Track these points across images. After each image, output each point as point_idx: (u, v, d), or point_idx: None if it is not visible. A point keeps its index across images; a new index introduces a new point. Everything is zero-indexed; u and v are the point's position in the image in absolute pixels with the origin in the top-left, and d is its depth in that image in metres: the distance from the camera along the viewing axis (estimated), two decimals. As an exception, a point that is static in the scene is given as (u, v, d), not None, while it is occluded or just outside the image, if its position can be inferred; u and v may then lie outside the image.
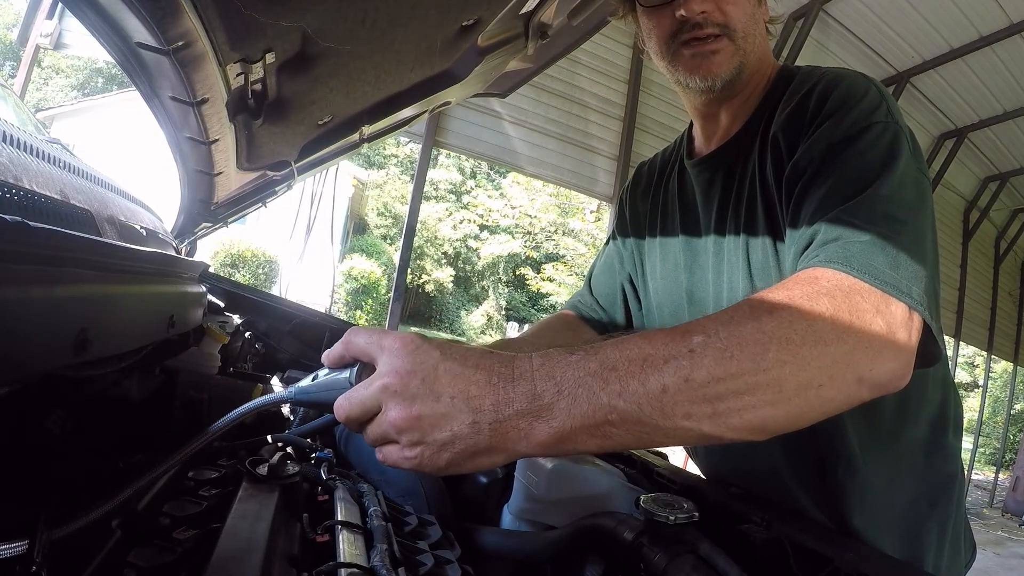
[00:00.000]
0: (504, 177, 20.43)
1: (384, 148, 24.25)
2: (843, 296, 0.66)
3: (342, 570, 0.62)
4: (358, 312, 15.01)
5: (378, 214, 23.48)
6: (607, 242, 1.42)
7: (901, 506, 1.04)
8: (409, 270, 9.35)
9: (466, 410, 0.57)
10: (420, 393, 0.57)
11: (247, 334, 1.78)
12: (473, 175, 25.33)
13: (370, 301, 15.47)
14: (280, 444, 1.02)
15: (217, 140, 1.11)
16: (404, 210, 9.49)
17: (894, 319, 0.67)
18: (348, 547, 0.67)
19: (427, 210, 22.49)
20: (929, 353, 0.76)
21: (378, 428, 0.59)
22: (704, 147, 1.12)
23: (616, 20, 1.12)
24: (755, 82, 1.04)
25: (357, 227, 21.35)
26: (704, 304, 1.11)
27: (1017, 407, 16.18)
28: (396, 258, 9.43)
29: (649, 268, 1.26)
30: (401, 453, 0.59)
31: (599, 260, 1.41)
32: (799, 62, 7.65)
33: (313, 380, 0.68)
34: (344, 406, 0.61)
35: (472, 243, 23.31)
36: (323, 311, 2.21)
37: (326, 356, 0.66)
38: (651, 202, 1.26)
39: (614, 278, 1.35)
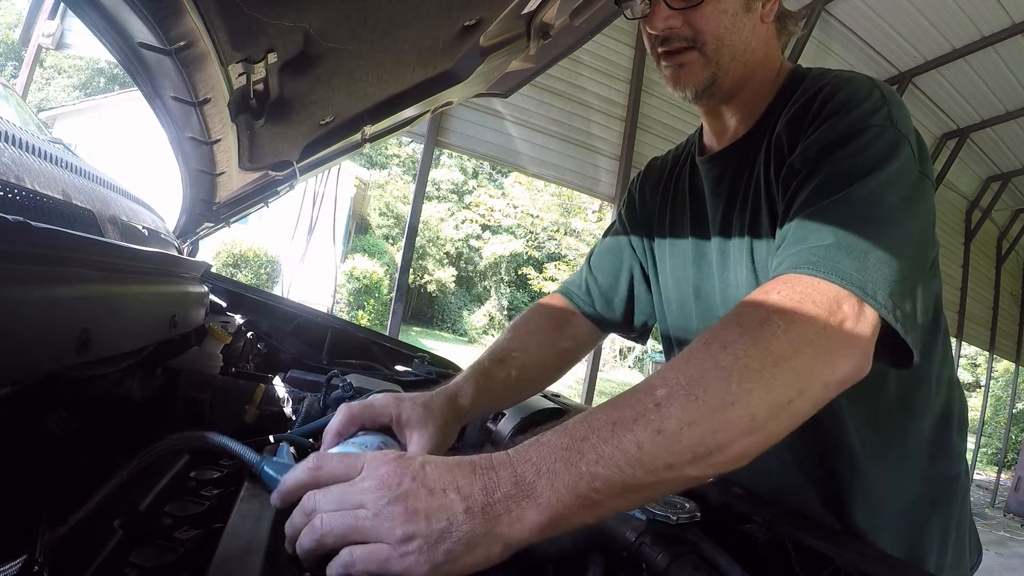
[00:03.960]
0: (506, 177, 20.44)
1: (386, 148, 24.27)
2: (796, 304, 0.67)
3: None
4: (360, 312, 15.02)
5: (380, 214, 23.49)
6: (610, 228, 1.39)
7: (904, 505, 1.04)
8: (411, 270, 9.36)
9: (458, 499, 0.57)
10: (411, 489, 0.57)
11: (249, 334, 1.78)
12: (475, 175, 25.34)
13: (372, 301, 15.48)
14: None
15: (219, 140, 1.11)
16: (406, 210, 9.49)
17: (846, 317, 0.68)
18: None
19: (429, 210, 22.49)
20: (902, 354, 0.76)
21: (353, 524, 0.56)
22: (714, 144, 1.13)
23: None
24: (755, 84, 1.03)
25: (359, 227, 21.36)
26: (711, 300, 1.11)
27: (1019, 407, 16.14)
28: (398, 258, 9.42)
29: (659, 260, 1.26)
30: (393, 552, 0.55)
31: (601, 245, 1.38)
32: (800, 62, 7.61)
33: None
34: (315, 497, 0.59)
35: (474, 243, 23.31)
36: (325, 311, 2.21)
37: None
38: (661, 196, 1.26)
39: (620, 262, 1.33)
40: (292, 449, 0.77)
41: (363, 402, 0.89)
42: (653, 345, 18.85)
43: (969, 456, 11.24)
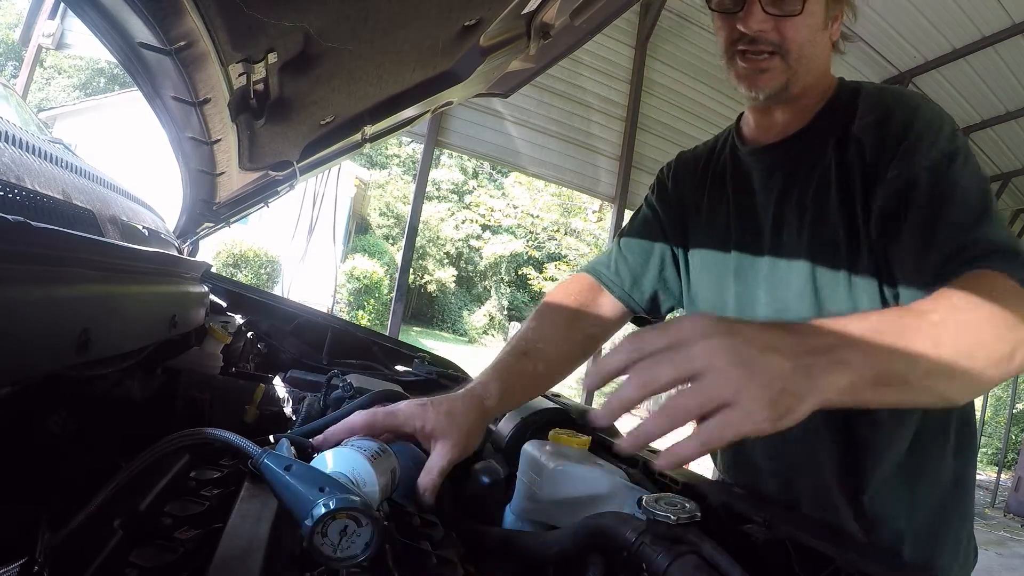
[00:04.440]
0: (506, 177, 20.44)
1: (386, 148, 24.27)
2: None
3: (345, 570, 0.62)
4: (360, 312, 15.02)
5: (380, 214, 23.49)
6: (638, 213, 1.40)
7: (926, 499, 1.07)
8: (411, 270, 9.35)
9: (785, 359, 0.61)
10: (745, 352, 0.60)
11: (249, 334, 1.78)
12: (475, 175, 25.33)
13: (372, 301, 15.48)
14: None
15: (219, 140, 1.11)
16: (406, 210, 9.49)
17: None
18: (350, 547, 0.67)
19: (429, 210, 22.49)
20: None
21: (703, 394, 0.60)
22: (761, 137, 1.18)
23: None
24: (813, 91, 1.10)
25: (359, 227, 21.36)
26: (753, 280, 1.16)
27: (1019, 407, 16.13)
28: (398, 258, 9.42)
29: (693, 246, 1.28)
30: (740, 412, 0.59)
31: (631, 227, 1.39)
32: (801, 62, 7.64)
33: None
34: (651, 370, 0.62)
35: (474, 243, 23.30)
36: (325, 311, 2.22)
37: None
38: (697, 184, 1.29)
39: (652, 244, 1.34)
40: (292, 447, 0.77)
41: (387, 410, 0.90)
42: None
43: (969, 456, 11.19)
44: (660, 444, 1.51)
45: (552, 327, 1.24)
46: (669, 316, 1.39)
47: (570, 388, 12.96)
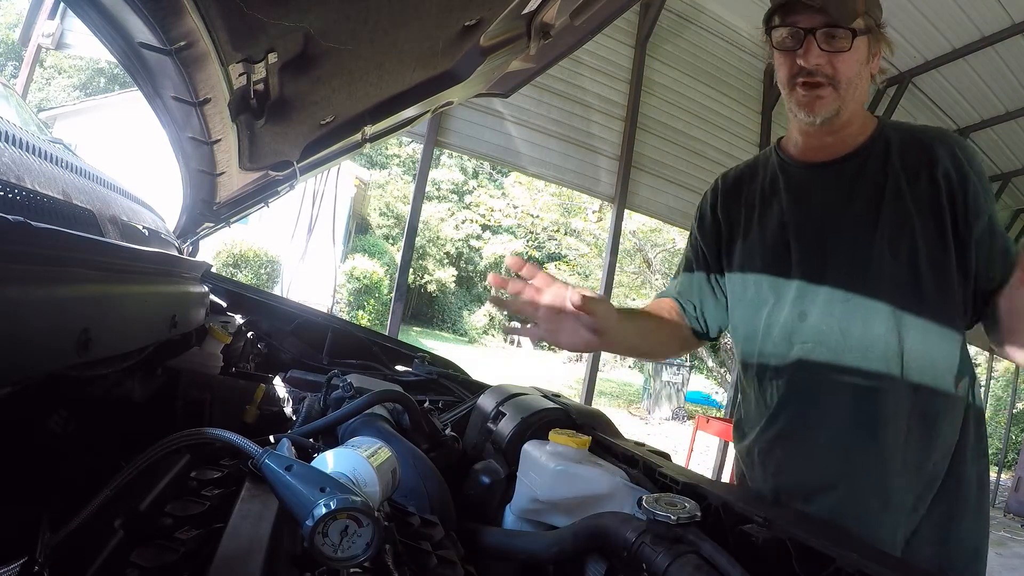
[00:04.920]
0: (506, 177, 20.41)
1: (386, 148, 24.23)
2: None
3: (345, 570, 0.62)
4: (360, 312, 15.02)
5: (380, 214, 23.47)
6: (686, 254, 1.59)
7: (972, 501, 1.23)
8: (411, 270, 9.34)
9: None
10: None
11: (249, 334, 1.78)
12: (475, 175, 25.31)
13: (372, 301, 15.47)
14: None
15: (219, 140, 1.11)
16: (406, 210, 9.48)
17: None
18: (350, 547, 0.67)
19: (429, 210, 22.47)
20: None
21: None
22: (809, 156, 1.35)
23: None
24: (856, 118, 1.28)
25: (359, 227, 21.35)
26: (808, 270, 1.29)
27: (1019, 407, 16.11)
28: (398, 258, 9.42)
29: (740, 260, 1.42)
30: None
31: (683, 260, 1.60)
32: (801, 62, 7.64)
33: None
34: None
35: (474, 243, 23.27)
36: (325, 311, 2.22)
37: None
38: (745, 201, 1.44)
39: (702, 273, 1.52)
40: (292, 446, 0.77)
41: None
42: (653, 345, 18.80)
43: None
44: (661, 444, 1.53)
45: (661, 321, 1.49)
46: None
47: (570, 388, 12.97)
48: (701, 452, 8.19)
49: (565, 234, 15.99)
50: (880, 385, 1.19)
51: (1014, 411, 14.48)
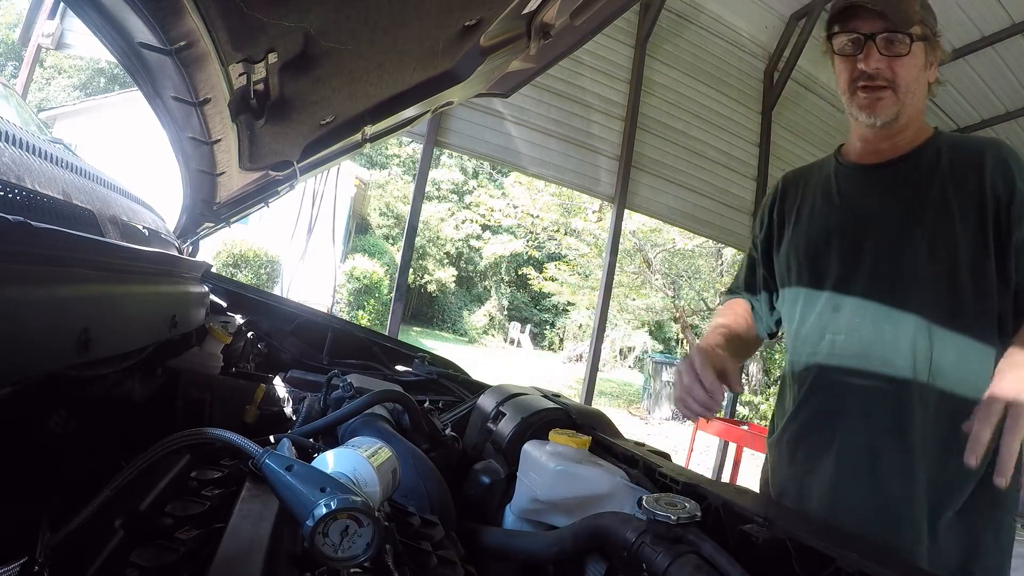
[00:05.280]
0: (506, 177, 20.40)
1: (386, 148, 24.23)
2: None
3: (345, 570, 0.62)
4: (360, 312, 15.02)
5: (380, 214, 23.46)
6: (749, 255, 1.66)
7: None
8: (411, 270, 9.34)
9: None
10: None
11: (249, 334, 1.78)
12: (475, 175, 25.31)
13: (372, 301, 15.47)
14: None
15: (219, 140, 1.11)
16: (406, 210, 9.46)
17: None
18: (350, 547, 0.67)
19: (429, 210, 22.47)
20: None
21: None
22: (863, 160, 1.39)
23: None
24: (913, 124, 1.32)
25: (359, 227, 21.35)
26: (852, 265, 1.32)
27: None
28: (398, 258, 9.42)
29: (787, 247, 1.47)
30: None
31: (744, 266, 1.68)
32: (801, 61, 7.65)
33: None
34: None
35: (474, 243, 23.27)
36: (325, 311, 2.22)
37: None
38: (798, 197, 1.49)
39: (761, 271, 1.58)
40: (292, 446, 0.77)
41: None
42: (653, 345, 18.84)
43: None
44: (661, 444, 1.52)
45: (735, 328, 1.52)
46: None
47: (570, 388, 12.96)
48: (701, 452, 8.19)
49: (565, 234, 15.98)
50: (906, 384, 1.20)
51: None
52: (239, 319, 1.80)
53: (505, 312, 24.19)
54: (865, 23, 1.25)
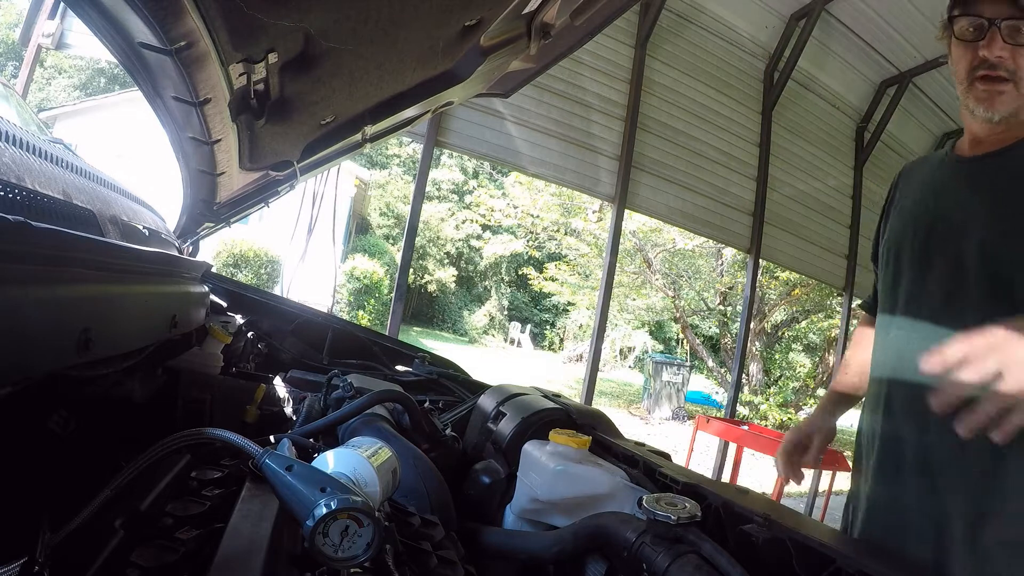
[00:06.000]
0: (506, 177, 20.40)
1: (386, 148, 24.24)
2: None
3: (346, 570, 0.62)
4: (360, 312, 15.02)
5: (380, 214, 23.47)
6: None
7: None
8: (411, 270, 9.35)
9: None
10: None
11: (250, 334, 1.78)
12: (475, 175, 25.31)
13: (372, 301, 15.48)
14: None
15: (220, 140, 1.11)
16: (406, 210, 9.47)
17: None
18: (351, 547, 0.67)
19: (429, 210, 22.48)
20: None
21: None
22: (967, 151, 1.32)
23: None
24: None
25: (359, 227, 21.35)
26: (941, 250, 1.26)
27: None
28: (398, 258, 9.41)
29: (885, 239, 1.42)
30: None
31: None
32: (801, 62, 7.65)
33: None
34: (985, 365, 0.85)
35: (474, 243, 23.27)
36: (325, 311, 2.22)
37: None
38: (907, 190, 1.44)
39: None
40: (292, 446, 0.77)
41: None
42: (654, 345, 18.83)
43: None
44: (661, 444, 1.52)
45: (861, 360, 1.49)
46: None
47: (570, 388, 12.95)
48: (701, 452, 8.19)
49: (565, 234, 15.97)
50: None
51: None
52: (239, 319, 1.80)
53: (505, 312, 24.20)
54: (990, 7, 1.17)
